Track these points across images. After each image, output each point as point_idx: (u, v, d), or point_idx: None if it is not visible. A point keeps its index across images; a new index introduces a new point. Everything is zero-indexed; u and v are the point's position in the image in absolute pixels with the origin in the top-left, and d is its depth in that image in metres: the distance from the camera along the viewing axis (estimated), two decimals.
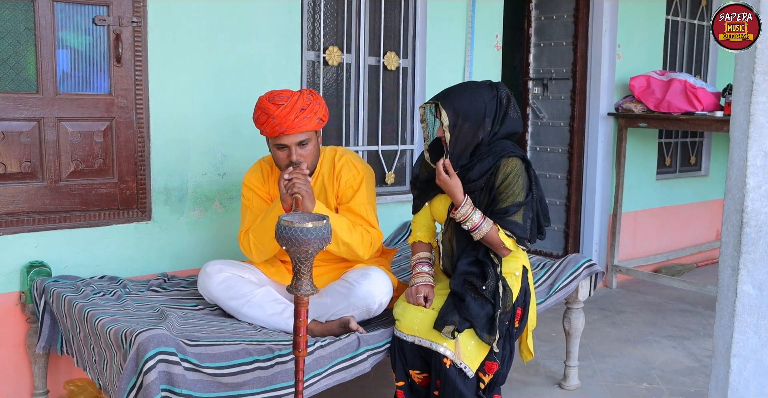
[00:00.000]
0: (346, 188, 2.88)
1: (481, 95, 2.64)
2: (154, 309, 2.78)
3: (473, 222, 2.62)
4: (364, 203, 2.88)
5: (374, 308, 2.73)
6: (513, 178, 2.62)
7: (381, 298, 2.73)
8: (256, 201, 2.93)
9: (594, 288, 3.38)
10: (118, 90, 3.19)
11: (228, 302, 2.80)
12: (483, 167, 2.64)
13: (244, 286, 2.81)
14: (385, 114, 4.25)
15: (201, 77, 3.40)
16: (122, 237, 3.27)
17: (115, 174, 3.23)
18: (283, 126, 2.69)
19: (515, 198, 2.62)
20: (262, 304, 2.77)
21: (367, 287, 2.70)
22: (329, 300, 2.76)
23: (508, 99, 2.69)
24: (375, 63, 4.17)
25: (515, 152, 2.66)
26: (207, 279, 2.81)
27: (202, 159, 3.44)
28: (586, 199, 5.30)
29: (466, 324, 2.56)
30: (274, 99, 2.74)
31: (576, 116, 5.29)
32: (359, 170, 2.92)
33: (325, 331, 2.73)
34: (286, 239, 1.99)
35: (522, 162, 2.66)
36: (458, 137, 2.63)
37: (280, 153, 2.77)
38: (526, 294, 2.78)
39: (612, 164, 5.24)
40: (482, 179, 2.65)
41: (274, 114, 2.70)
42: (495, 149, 2.66)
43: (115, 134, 3.20)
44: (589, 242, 5.30)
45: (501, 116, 2.67)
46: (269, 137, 2.78)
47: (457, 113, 2.61)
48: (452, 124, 2.61)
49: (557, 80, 5.43)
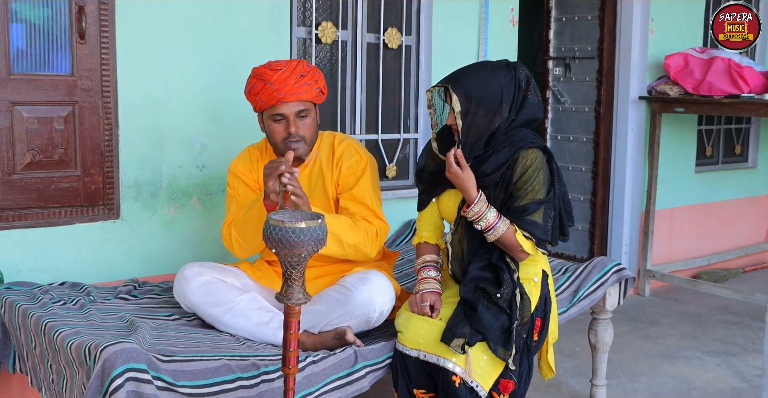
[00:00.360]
0: (348, 174, 2.90)
1: (498, 78, 2.63)
2: (122, 320, 2.77)
3: (487, 222, 2.62)
4: (369, 189, 2.89)
5: (374, 317, 2.73)
6: (533, 172, 2.62)
7: (382, 306, 2.73)
8: (242, 190, 2.95)
9: (624, 296, 3.38)
10: (81, 70, 3.19)
11: (208, 309, 2.80)
12: (499, 159, 2.63)
13: (226, 292, 2.81)
14: (385, 99, 4.24)
15: (177, 56, 3.39)
16: (86, 238, 3.27)
17: (78, 166, 3.23)
18: (281, 91, 2.75)
19: (535, 195, 2.62)
20: (246, 312, 2.77)
21: (366, 293, 2.70)
22: (323, 307, 2.76)
23: (527, 81, 2.68)
24: (374, 41, 4.16)
25: (535, 143, 2.66)
26: (185, 283, 2.81)
27: (178, 149, 3.44)
28: (615, 194, 5.30)
29: (478, 336, 2.56)
30: (271, 65, 2.81)
31: (603, 100, 5.28)
32: (362, 155, 2.94)
33: (317, 344, 2.73)
34: (275, 241, 1.98)
35: (543, 154, 2.66)
36: (471, 125, 2.63)
37: (276, 126, 2.80)
38: (547, 303, 2.78)
39: (644, 154, 5.24)
40: (497, 172, 2.64)
41: (271, 79, 2.75)
42: (513, 138, 2.65)
43: (78, 120, 3.20)
44: (618, 244, 5.31)
45: (519, 101, 2.66)
46: (264, 109, 2.81)
47: (470, 97, 2.61)
48: (464, 110, 2.61)
49: (581, 60, 5.42)
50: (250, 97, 2.85)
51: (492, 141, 2.66)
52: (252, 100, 2.85)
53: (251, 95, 2.83)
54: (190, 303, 2.82)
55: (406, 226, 4.12)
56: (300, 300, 2.06)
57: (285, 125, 2.80)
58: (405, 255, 3.76)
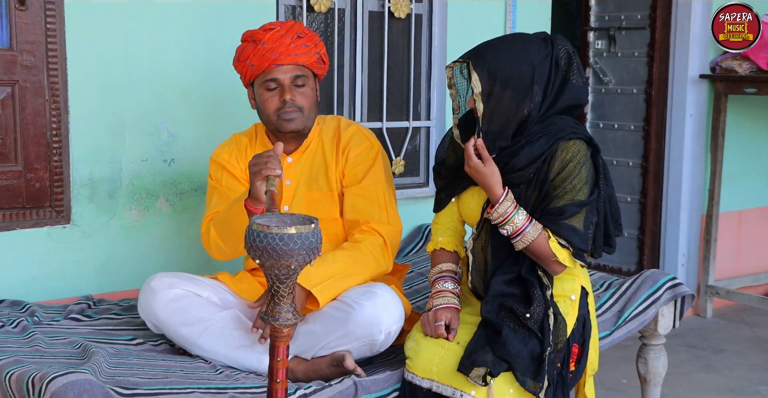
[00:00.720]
0: (356, 163, 2.95)
1: (530, 53, 2.63)
2: (73, 345, 2.78)
3: (515, 226, 2.63)
4: (382, 181, 2.94)
5: (380, 339, 2.73)
6: (574, 167, 2.62)
7: (389, 326, 2.73)
8: (226, 180, 2.99)
9: (680, 317, 3.38)
10: (21, 43, 3.20)
11: (179, 329, 2.81)
12: (533, 151, 2.63)
13: (202, 308, 2.83)
14: (391, 79, 4.25)
15: (140, 26, 3.41)
16: (29, 246, 3.28)
17: (19, 160, 3.24)
18: (275, 51, 2.84)
19: (575, 195, 2.61)
20: (225, 333, 2.79)
21: (371, 310, 2.70)
22: (318, 327, 2.76)
23: (568, 59, 2.68)
24: (378, 8, 4.17)
25: (578, 133, 2.66)
26: (152, 297, 2.82)
27: (141, 140, 3.45)
28: (669, 194, 5.30)
29: (502, 365, 2.56)
30: (264, 25, 2.92)
31: (655, 79, 5.28)
32: (373, 142, 3.00)
33: (310, 372, 2.74)
34: (259, 250, 1.99)
35: (587, 147, 2.66)
36: (495, 110, 2.63)
37: (268, 94, 2.89)
38: (586, 326, 2.78)
39: (706, 145, 5.24)
40: (530, 168, 2.64)
41: (264, 38, 2.85)
42: (550, 128, 2.65)
43: (18, 104, 3.21)
44: (672, 254, 5.30)
45: (558, 83, 2.66)
46: (256, 76, 2.90)
47: (494, 77, 2.60)
48: (487, 92, 2.61)
49: (629, 31, 5.42)
50: (240, 65, 2.92)
51: (523, 130, 2.66)
52: (241, 68, 2.92)
53: (240, 62, 2.91)
54: (158, 320, 2.83)
55: (417, 232, 4.13)
56: (289, 321, 2.07)
57: (279, 93, 2.88)
58: (415, 268, 3.77)
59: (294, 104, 2.88)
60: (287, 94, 2.87)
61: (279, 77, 2.88)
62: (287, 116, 2.88)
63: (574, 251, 2.63)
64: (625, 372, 4.25)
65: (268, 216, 2.11)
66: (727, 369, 4.46)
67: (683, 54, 5.15)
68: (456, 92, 2.78)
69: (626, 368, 4.25)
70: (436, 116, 4.36)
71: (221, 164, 3.01)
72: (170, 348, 2.90)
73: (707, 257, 5.23)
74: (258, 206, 2.69)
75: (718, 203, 5.17)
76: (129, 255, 3.47)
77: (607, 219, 2.72)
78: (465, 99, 2.77)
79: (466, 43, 3.91)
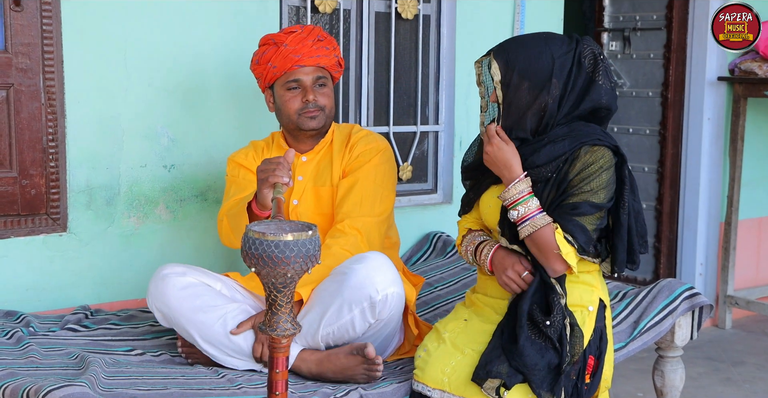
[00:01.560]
0: (355, 159, 3.08)
1: (551, 47, 2.68)
2: (70, 356, 2.77)
3: (527, 208, 2.63)
4: (371, 179, 3.04)
5: (377, 299, 2.73)
6: (595, 170, 2.62)
7: (385, 287, 2.74)
8: (243, 174, 3.13)
9: (698, 328, 3.37)
10: (16, 45, 3.20)
11: (193, 315, 2.81)
12: (554, 151, 2.66)
13: (215, 297, 2.86)
14: (399, 82, 4.25)
15: (138, 28, 3.41)
16: (24, 255, 3.27)
17: (15, 166, 3.24)
18: (298, 52, 3.00)
19: (590, 196, 2.61)
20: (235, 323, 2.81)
21: (363, 271, 2.73)
22: (318, 309, 2.80)
23: (594, 60, 2.70)
24: (384, 9, 4.17)
25: (605, 140, 2.67)
26: (162, 284, 2.84)
27: (140, 145, 3.45)
28: (686, 200, 5.29)
29: (518, 377, 2.56)
30: (285, 29, 3.08)
31: (671, 81, 5.27)
32: (380, 143, 3.13)
33: (325, 362, 2.77)
34: (255, 258, 1.98)
35: (614, 155, 2.66)
36: (512, 100, 2.68)
37: (290, 95, 3.05)
38: (602, 339, 2.77)
39: (724, 150, 5.22)
40: (550, 165, 2.67)
41: (286, 41, 3.00)
42: (577, 132, 2.68)
43: (13, 107, 3.21)
44: (690, 263, 5.29)
45: (581, 82, 2.68)
46: (277, 77, 3.05)
47: (512, 66, 2.67)
48: (505, 81, 2.68)
49: (644, 31, 5.41)
50: (260, 68, 3.06)
51: (546, 128, 2.70)
52: (261, 70, 3.06)
53: (261, 65, 3.05)
54: (169, 308, 2.84)
55: (425, 240, 4.12)
56: (288, 331, 2.06)
57: (302, 94, 3.04)
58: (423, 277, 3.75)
59: (316, 104, 3.04)
60: (310, 95, 3.02)
61: (301, 78, 3.03)
62: (310, 114, 3.04)
63: (578, 248, 2.62)
64: (641, 385, 4.24)
65: (266, 223, 2.11)
66: (747, 382, 4.45)
67: (701, 55, 5.14)
68: (484, 89, 2.83)
69: (642, 381, 4.25)
70: (444, 121, 4.35)
71: (238, 162, 3.15)
72: (171, 358, 2.90)
73: (726, 266, 5.21)
74: (264, 211, 2.77)
75: (737, 210, 5.16)
76: (127, 264, 3.46)
77: (632, 234, 2.70)
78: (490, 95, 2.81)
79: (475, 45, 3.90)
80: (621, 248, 2.69)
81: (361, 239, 2.96)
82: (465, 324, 2.82)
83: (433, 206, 4.23)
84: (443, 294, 3.59)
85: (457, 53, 4.27)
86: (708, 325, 5.27)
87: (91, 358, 2.69)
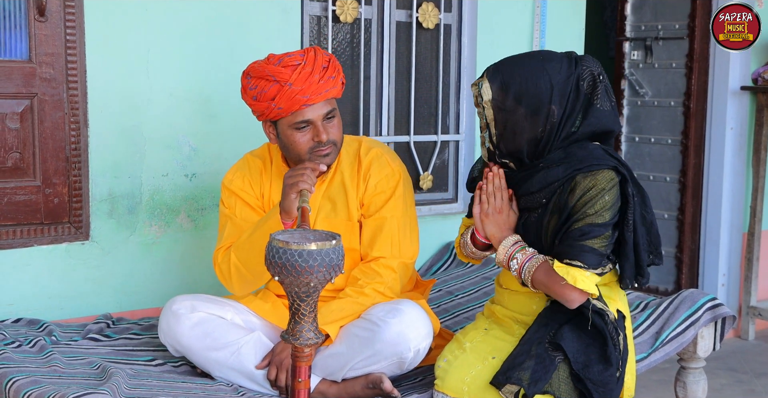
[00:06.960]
0: (375, 193, 2.92)
1: (550, 70, 2.61)
2: (92, 366, 2.79)
3: (523, 254, 2.63)
4: (399, 216, 2.91)
5: (409, 357, 2.71)
6: (596, 194, 2.56)
7: (418, 343, 2.71)
8: (240, 210, 2.95)
9: (721, 340, 3.35)
10: (41, 55, 3.22)
11: (207, 354, 2.80)
12: (547, 177, 2.61)
13: (228, 331, 2.82)
14: (419, 91, 4.25)
15: (161, 38, 3.43)
16: (47, 263, 3.29)
17: (38, 175, 3.26)
18: (307, 93, 2.73)
19: (595, 219, 2.57)
20: (251, 358, 2.78)
21: (398, 327, 2.68)
22: (344, 348, 2.75)
23: (593, 81, 2.64)
24: (405, 19, 4.18)
25: (602, 163, 2.61)
26: (174, 322, 2.82)
27: (162, 154, 3.47)
28: (708, 211, 5.26)
29: (538, 387, 2.54)
30: (283, 61, 2.77)
31: (694, 91, 5.25)
32: (395, 168, 2.95)
33: (343, 394, 2.74)
34: (278, 267, 1.99)
35: (616, 174, 2.62)
36: (507, 124, 2.63)
37: (300, 135, 2.79)
38: (624, 350, 2.76)
39: (747, 160, 5.20)
40: (543, 192, 2.63)
41: (291, 80, 2.73)
42: (573, 157, 2.62)
43: (37, 117, 3.24)
44: (712, 273, 5.26)
45: (580, 107, 2.63)
46: (282, 117, 2.79)
47: (507, 89, 2.61)
48: (498, 104, 2.62)
49: (667, 41, 5.40)
50: (259, 105, 2.80)
51: (543, 152, 2.65)
52: (262, 108, 2.80)
53: (261, 102, 2.79)
54: (182, 346, 2.83)
55: (445, 249, 4.12)
56: (311, 340, 2.06)
57: (312, 133, 2.79)
58: (443, 286, 3.76)
59: (330, 141, 2.81)
60: (323, 135, 2.78)
61: (311, 118, 2.77)
62: (323, 153, 2.81)
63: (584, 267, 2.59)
64: (663, 396, 4.22)
65: (290, 232, 2.11)
66: None
67: (723, 65, 5.13)
68: (482, 110, 2.76)
69: (664, 392, 4.22)
70: (465, 130, 4.35)
71: (234, 191, 2.96)
72: (191, 369, 2.90)
73: (749, 276, 5.19)
74: (287, 220, 2.69)
75: (760, 220, 5.13)
76: (149, 272, 3.48)
77: (638, 249, 2.66)
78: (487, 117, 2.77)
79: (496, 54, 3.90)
80: (627, 266, 2.65)
81: (396, 277, 2.87)
82: (485, 333, 2.80)
83: (454, 215, 4.23)
84: (463, 302, 3.59)
85: (478, 63, 4.27)
86: (731, 336, 5.23)
87: (112, 369, 2.70)
